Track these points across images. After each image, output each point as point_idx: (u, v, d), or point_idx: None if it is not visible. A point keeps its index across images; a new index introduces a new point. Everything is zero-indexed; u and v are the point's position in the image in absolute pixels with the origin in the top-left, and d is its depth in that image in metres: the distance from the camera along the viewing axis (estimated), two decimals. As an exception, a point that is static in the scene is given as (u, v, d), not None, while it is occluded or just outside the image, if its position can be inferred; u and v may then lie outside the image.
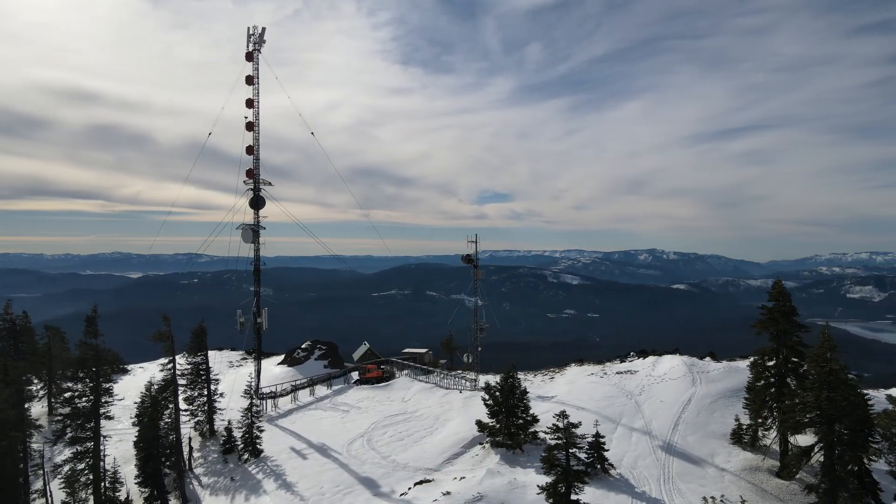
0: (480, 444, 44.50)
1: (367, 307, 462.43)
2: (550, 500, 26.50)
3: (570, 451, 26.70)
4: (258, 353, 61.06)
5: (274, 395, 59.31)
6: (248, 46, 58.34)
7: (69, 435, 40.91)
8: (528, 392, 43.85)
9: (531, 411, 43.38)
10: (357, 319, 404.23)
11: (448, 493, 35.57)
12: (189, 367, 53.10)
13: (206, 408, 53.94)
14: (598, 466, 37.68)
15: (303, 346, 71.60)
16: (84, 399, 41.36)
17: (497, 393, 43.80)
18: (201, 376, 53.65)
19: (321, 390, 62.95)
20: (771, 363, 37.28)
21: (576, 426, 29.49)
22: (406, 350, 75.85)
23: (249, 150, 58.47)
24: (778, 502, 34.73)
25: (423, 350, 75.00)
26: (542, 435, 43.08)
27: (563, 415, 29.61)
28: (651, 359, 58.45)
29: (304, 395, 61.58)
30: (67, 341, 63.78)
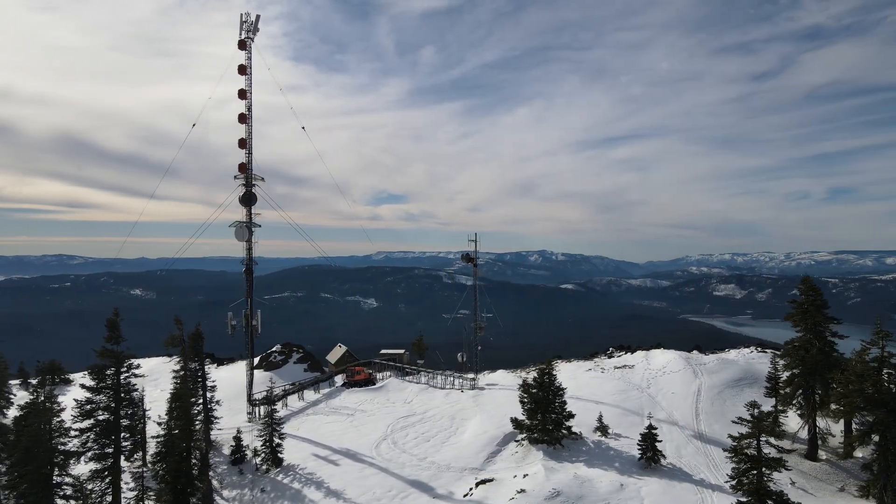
0: (516, 441, 44.81)
1: (260, 310, 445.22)
2: (741, 490, 27.37)
3: (762, 439, 27.97)
4: (251, 357, 57.67)
5: (267, 400, 56.28)
6: (240, 34, 55.17)
7: (91, 452, 36.87)
8: (564, 389, 44.68)
9: (567, 408, 44.29)
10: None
11: (523, 490, 35.63)
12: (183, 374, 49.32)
13: (201, 417, 50.32)
14: (651, 456, 39.28)
15: (277, 350, 68.50)
16: (106, 411, 37.47)
17: (535, 390, 44.33)
18: (198, 383, 50.03)
19: (309, 394, 60.72)
20: (803, 355, 40.45)
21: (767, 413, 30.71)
22: (384, 351, 74.59)
23: (242, 143, 55.17)
24: (817, 481, 37.91)
25: (402, 351, 74.17)
26: (576, 430, 44.28)
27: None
28: (640, 353, 61.39)
29: (292, 400, 59.12)
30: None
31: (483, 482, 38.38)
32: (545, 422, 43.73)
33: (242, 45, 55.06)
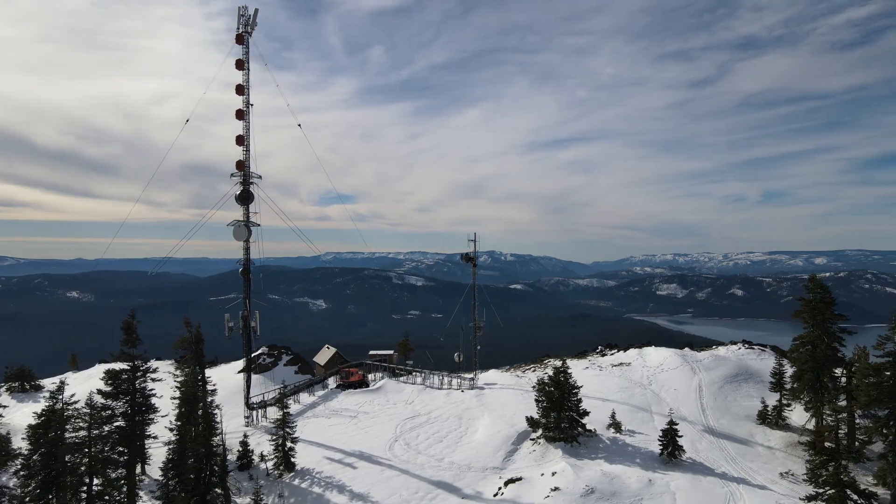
0: (531, 439, 45.10)
1: (204, 312, 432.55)
2: (816, 481, 27.90)
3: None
4: (248, 359, 56.07)
5: (264, 405, 55.00)
6: (237, 28, 53.68)
7: (103, 457, 35.06)
8: (580, 387, 45.21)
9: (581, 405, 44.83)
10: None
11: (557, 488, 35.84)
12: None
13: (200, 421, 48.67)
14: (672, 452, 40.18)
15: (265, 352, 66.84)
16: (122, 418, 35.75)
17: (552, 389, 44.71)
18: (198, 387, 48.31)
19: (304, 397, 59.55)
20: (811, 350, 42.16)
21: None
22: (372, 352, 73.73)
23: (240, 139, 53.66)
24: (829, 471, 39.74)
25: (391, 352, 73.54)
26: (590, 427, 44.94)
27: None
28: (633, 351, 62.72)
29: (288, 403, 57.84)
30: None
31: (512, 481, 38.40)
32: (561, 420, 44.21)
33: (240, 39, 53.60)
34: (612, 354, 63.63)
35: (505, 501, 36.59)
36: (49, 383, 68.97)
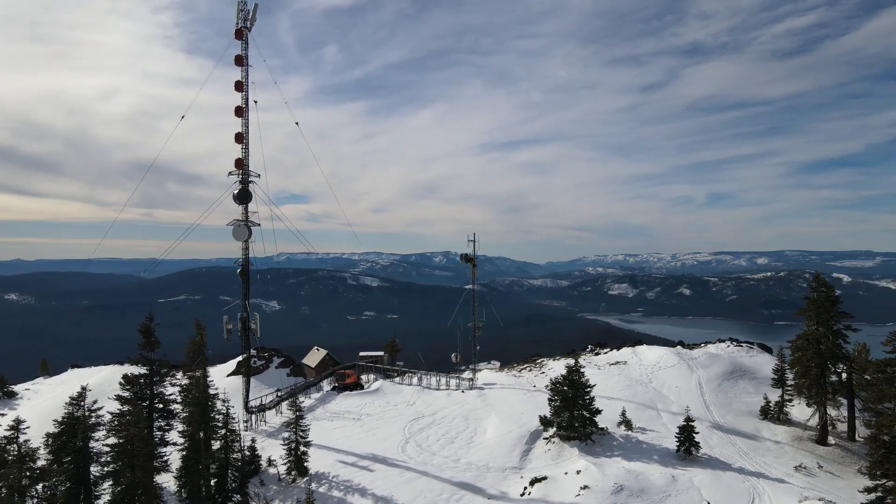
0: (545, 438, 45.28)
1: (153, 314, 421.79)
2: (878, 473, 28.58)
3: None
4: (247, 362, 54.61)
5: (263, 409, 53.72)
6: (237, 22, 52.22)
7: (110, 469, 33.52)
8: (593, 386, 45.70)
9: (594, 404, 45.31)
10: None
11: (586, 486, 36.08)
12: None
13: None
14: (687, 448, 41.06)
15: (255, 355, 65.16)
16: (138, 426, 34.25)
17: (565, 388, 45.06)
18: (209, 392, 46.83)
19: (300, 400, 58.34)
20: (815, 347, 43.77)
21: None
22: (363, 354, 72.88)
23: (238, 137, 52.17)
24: (836, 464, 41.03)
25: (381, 353, 72.86)
26: (602, 425, 45.53)
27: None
28: (627, 350, 63.83)
29: (285, 407, 56.61)
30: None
31: (538, 480, 38.41)
32: (574, 418, 44.61)
33: (239, 34, 52.06)
34: (605, 353, 64.58)
35: (534, 501, 36.62)
36: (22, 389, 65.72)
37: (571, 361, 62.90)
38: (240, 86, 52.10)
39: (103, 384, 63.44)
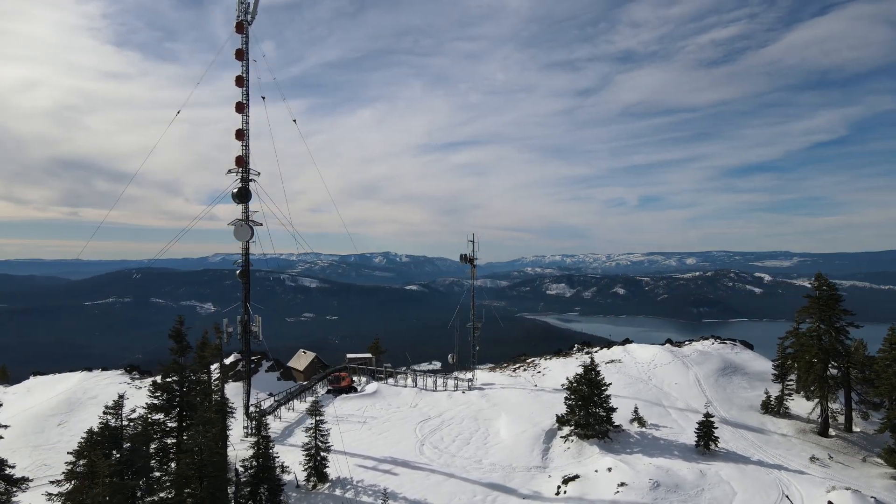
0: (562, 437, 45.52)
1: (79, 318, 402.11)
2: None
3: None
4: (248, 366, 52.51)
5: (264, 413, 51.80)
6: (237, 16, 50.38)
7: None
8: (609, 384, 46.30)
9: (609, 403, 45.92)
10: (67, 332, 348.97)
11: (623, 483, 36.54)
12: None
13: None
14: (706, 444, 42.21)
15: (241, 359, 62.85)
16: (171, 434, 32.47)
17: (583, 386, 45.52)
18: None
19: (296, 405, 56.82)
20: (816, 343, 45.92)
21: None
22: (350, 356, 71.42)
23: (239, 134, 50.27)
24: (841, 454, 43.08)
25: (369, 355, 71.62)
26: (617, 422, 46.26)
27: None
28: (618, 348, 65.13)
29: (283, 411, 54.96)
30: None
31: (571, 479, 38.59)
32: (590, 416, 45.14)
33: (240, 27, 50.25)
34: (596, 352, 65.67)
35: (570, 500, 36.80)
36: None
37: (565, 360, 64.01)
38: (240, 81, 50.23)
39: (77, 392, 59.92)
